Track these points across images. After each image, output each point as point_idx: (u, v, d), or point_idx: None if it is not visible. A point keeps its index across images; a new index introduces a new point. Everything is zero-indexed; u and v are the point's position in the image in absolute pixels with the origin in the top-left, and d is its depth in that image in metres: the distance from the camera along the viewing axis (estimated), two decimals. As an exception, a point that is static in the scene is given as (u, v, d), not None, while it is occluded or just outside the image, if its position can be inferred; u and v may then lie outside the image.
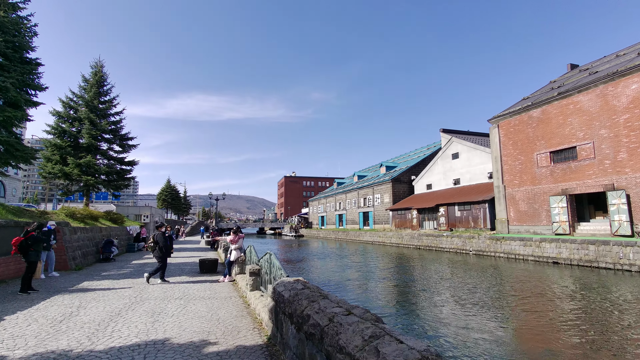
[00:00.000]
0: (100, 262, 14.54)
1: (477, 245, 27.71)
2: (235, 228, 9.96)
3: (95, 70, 22.52)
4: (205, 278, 10.68)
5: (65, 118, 20.89)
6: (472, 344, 7.21)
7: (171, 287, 8.89)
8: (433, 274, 18.47)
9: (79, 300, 7.29)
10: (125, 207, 27.73)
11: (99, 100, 22.18)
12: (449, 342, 7.37)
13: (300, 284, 4.44)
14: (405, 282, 16.09)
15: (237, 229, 9.93)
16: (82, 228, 14.13)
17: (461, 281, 15.73)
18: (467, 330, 8.14)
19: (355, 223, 58.56)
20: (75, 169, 19.47)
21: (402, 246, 37.61)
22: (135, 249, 20.58)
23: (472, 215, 31.92)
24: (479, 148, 36.83)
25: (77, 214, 15.01)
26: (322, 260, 26.16)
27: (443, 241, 31.86)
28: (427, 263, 23.33)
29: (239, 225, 10.20)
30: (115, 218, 20.29)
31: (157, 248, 9.84)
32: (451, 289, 13.55)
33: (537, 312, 9.83)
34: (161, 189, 72.66)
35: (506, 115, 28.91)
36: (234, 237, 9.70)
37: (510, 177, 28.22)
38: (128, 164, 23.41)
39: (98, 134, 21.04)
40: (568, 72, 33.91)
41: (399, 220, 44.37)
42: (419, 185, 47.28)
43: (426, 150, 56.51)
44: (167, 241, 9.96)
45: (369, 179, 60.66)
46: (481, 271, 19.11)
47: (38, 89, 13.07)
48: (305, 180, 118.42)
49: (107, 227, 17.54)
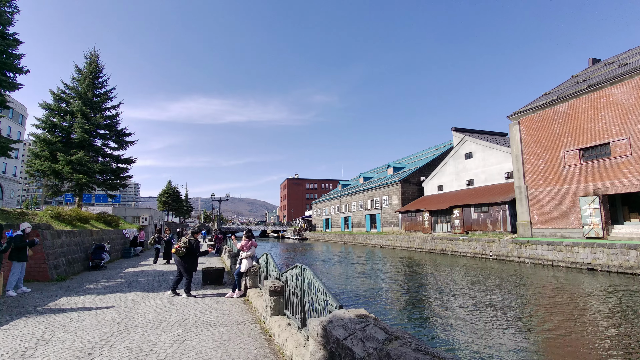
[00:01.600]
0: (88, 271, 12.77)
1: (498, 250, 25.85)
2: (247, 232, 8.18)
3: (90, 60, 20.81)
4: (209, 291, 8.89)
5: (55, 111, 19.16)
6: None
7: (167, 307, 7.09)
8: (455, 281, 16.60)
9: (43, 328, 5.50)
10: (122, 209, 25.98)
11: (94, 92, 20.44)
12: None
13: (373, 325, 2.65)
14: (427, 291, 14.24)
15: (249, 233, 8.14)
16: (69, 231, 12.38)
17: (488, 290, 13.87)
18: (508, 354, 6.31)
19: (361, 226, 56.69)
20: (65, 167, 17.73)
21: (414, 250, 35.75)
22: (131, 254, 18.79)
23: (490, 217, 30.05)
24: (494, 147, 35.00)
25: (64, 215, 13.27)
26: (334, 266, 24.31)
27: (459, 245, 29.98)
28: (446, 269, 21.46)
29: (251, 229, 8.31)
30: (109, 220, 18.52)
31: (187, 256, 8.17)
32: (479, 300, 11.71)
33: (581, 328, 8.02)
34: (162, 191, 70.92)
35: (528, 111, 27.10)
36: (245, 243, 7.91)
37: (533, 176, 26.36)
38: (125, 161, 21.63)
39: (92, 128, 19.28)
40: (591, 66, 32.11)
41: (409, 223, 42.51)
42: (429, 186, 45.46)
43: (435, 151, 54.72)
44: (198, 250, 8.37)
45: (375, 180, 58.84)
46: (508, 279, 17.25)
47: (17, 71, 11.36)
48: (309, 183, 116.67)
49: (99, 230, 15.79)
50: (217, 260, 17.27)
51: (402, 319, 9.76)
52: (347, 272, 21.03)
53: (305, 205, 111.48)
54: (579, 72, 32.09)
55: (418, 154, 62.31)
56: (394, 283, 16.89)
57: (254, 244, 8.07)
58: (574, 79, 29.84)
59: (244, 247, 7.90)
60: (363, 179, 64.95)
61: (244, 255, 7.93)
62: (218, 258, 18.84)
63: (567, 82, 30.18)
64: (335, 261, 27.82)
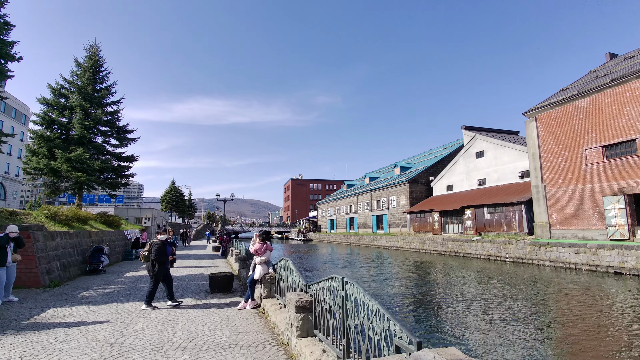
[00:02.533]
0: (86, 275, 11.81)
1: (515, 252, 24.72)
2: (261, 233, 7.15)
3: (90, 54, 19.91)
4: (218, 301, 7.89)
5: (54, 106, 18.26)
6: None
7: (170, 322, 6.08)
8: (475, 286, 15.51)
9: (20, 352, 4.51)
10: (124, 209, 25.07)
11: (94, 87, 19.51)
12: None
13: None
14: (452, 298, 13.17)
15: (263, 235, 7.11)
16: (65, 233, 11.43)
17: (510, 295, 12.78)
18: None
19: (367, 227, 55.60)
20: (64, 164, 16.82)
21: (424, 252, 34.65)
22: (132, 257, 17.85)
23: (505, 218, 28.91)
24: (507, 145, 33.85)
25: (60, 215, 12.33)
26: (345, 269, 23.26)
27: (472, 247, 28.86)
28: (462, 273, 20.37)
29: (267, 230, 7.24)
30: (110, 221, 17.58)
31: (152, 261, 7.12)
32: (502, 306, 10.64)
33: (613, 337, 6.96)
34: (165, 191, 70.12)
35: (546, 107, 25.96)
36: (259, 247, 6.89)
37: (552, 175, 25.21)
38: (126, 159, 20.67)
39: (92, 124, 18.36)
40: (609, 61, 30.91)
41: (417, 224, 41.40)
42: (438, 186, 44.34)
43: (443, 150, 53.59)
44: (162, 254, 7.20)
45: (382, 180, 57.74)
46: (530, 284, 16.16)
47: (9, 58, 10.42)
48: (312, 183, 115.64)
49: (99, 231, 14.84)
50: (224, 264, 16.27)
51: (433, 330, 8.72)
52: (360, 276, 20.00)
53: (309, 206, 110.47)
54: (596, 67, 30.90)
55: (425, 153, 61.18)
56: (414, 288, 15.83)
57: (269, 248, 7.05)
58: (593, 74, 28.66)
59: (258, 251, 6.88)
60: (369, 179, 63.86)
61: (258, 261, 6.92)
62: (224, 261, 17.85)
63: (585, 77, 29.00)
64: (344, 263, 26.79)
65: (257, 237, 7.07)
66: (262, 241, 6.96)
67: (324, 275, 20.09)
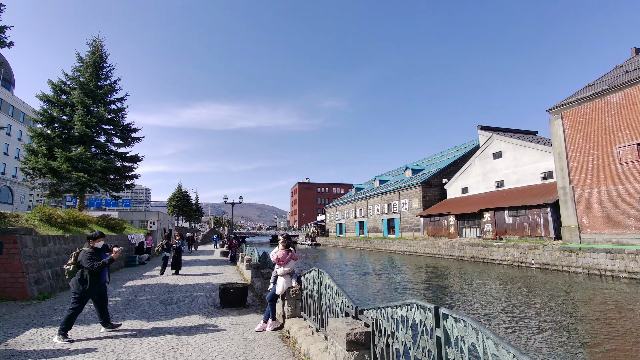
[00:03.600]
0: (82, 284, 10.65)
1: (542, 258, 23.14)
2: (284, 238, 5.85)
3: (94, 49, 18.94)
4: (231, 319, 6.60)
5: (55, 103, 17.28)
6: None
7: (173, 352, 4.80)
8: (503, 293, 14.01)
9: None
10: (129, 213, 24.01)
11: (97, 83, 18.51)
12: None
13: None
14: (480, 306, 11.74)
15: (287, 242, 5.79)
16: (59, 237, 10.29)
17: (551, 307, 11.31)
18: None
19: (378, 231, 54.06)
20: (64, 164, 15.77)
21: (440, 257, 33.12)
22: (136, 263, 16.68)
23: (529, 221, 27.29)
24: (528, 145, 32.28)
25: (55, 217, 11.21)
26: (362, 277, 21.84)
27: (493, 252, 27.28)
28: (485, 279, 18.85)
29: (290, 235, 5.88)
30: (112, 224, 16.45)
31: (82, 276, 5.53)
32: (547, 318, 9.20)
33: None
34: (172, 195, 69.25)
35: (573, 103, 24.43)
36: (283, 255, 5.59)
37: (581, 175, 23.61)
38: (130, 159, 19.60)
39: (94, 122, 17.30)
40: (635, 56, 29.29)
41: (432, 228, 39.83)
42: (452, 188, 42.78)
43: (456, 152, 52.05)
44: (95, 264, 5.55)
45: (392, 183, 56.25)
46: (566, 292, 14.64)
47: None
48: (320, 187, 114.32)
49: (99, 235, 13.71)
50: (233, 271, 15.00)
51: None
52: (380, 284, 18.58)
53: (317, 209, 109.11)
54: (623, 62, 29.29)
55: (437, 155, 59.62)
56: (443, 298, 14.40)
57: (294, 257, 5.76)
58: (621, 69, 27.07)
59: (282, 261, 5.58)
60: (379, 182, 62.39)
61: (281, 272, 5.63)
62: (233, 268, 16.59)
63: (613, 72, 27.41)
64: (358, 269, 25.36)
65: (280, 243, 5.76)
66: (286, 248, 5.67)
67: (349, 283, 18.60)
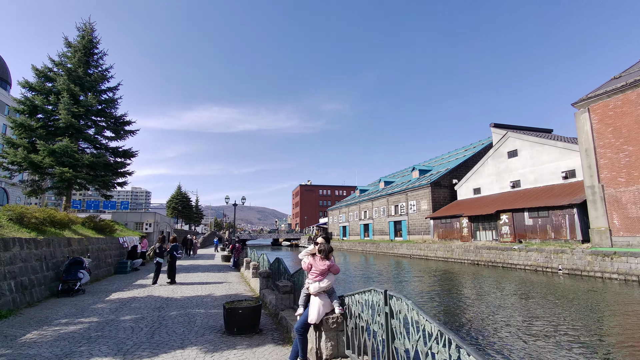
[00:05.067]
0: (57, 297, 8.86)
1: (570, 262, 21.31)
2: (322, 240, 4.07)
3: (83, 33, 17.19)
4: (241, 354, 4.81)
5: (38, 91, 15.53)
6: None
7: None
8: (539, 304, 12.17)
9: None
10: (123, 214, 22.17)
11: (86, 71, 16.74)
12: None
13: None
14: (513, 319, 9.92)
15: (324, 247, 4.02)
16: (29, 240, 8.52)
17: (591, 319, 9.48)
18: None
19: (384, 233, 52.19)
20: (47, 158, 14.01)
21: (453, 261, 31.27)
22: (128, 269, 14.84)
23: (552, 223, 25.45)
24: (547, 142, 30.51)
25: (28, 217, 9.45)
26: (380, 284, 19.99)
27: (513, 256, 25.45)
28: (510, 286, 16.99)
29: (328, 234, 3.98)
30: (101, 226, 14.62)
31: None
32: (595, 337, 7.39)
33: None
34: (171, 196, 67.37)
35: (601, 96, 22.68)
36: (323, 266, 3.76)
37: (612, 173, 21.82)
38: (123, 155, 17.80)
39: (82, 112, 15.51)
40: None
41: (442, 230, 37.97)
42: (463, 189, 40.98)
43: (464, 152, 50.31)
44: None
45: (399, 184, 54.44)
46: (614, 303, 12.74)
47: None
48: (322, 189, 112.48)
49: (83, 238, 11.90)
50: (237, 279, 13.16)
51: None
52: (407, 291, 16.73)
53: (319, 212, 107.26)
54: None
55: (444, 155, 57.85)
56: (470, 309, 12.56)
57: (335, 268, 3.94)
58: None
59: (317, 272, 3.76)
60: (384, 184, 60.58)
61: (315, 289, 3.81)
62: (237, 274, 14.76)
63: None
64: (373, 275, 23.50)
65: (315, 245, 3.91)
66: (324, 256, 3.84)
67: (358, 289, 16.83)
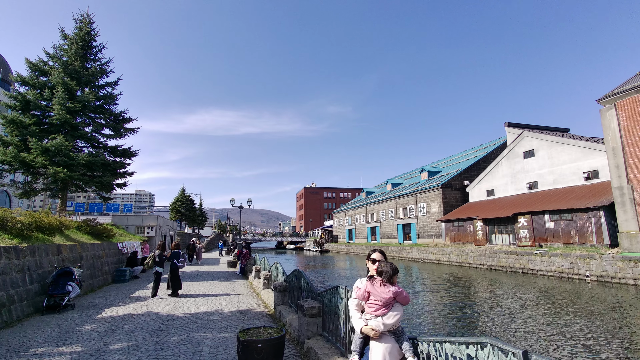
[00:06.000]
0: (41, 314, 7.69)
1: (599, 269, 19.93)
2: (382, 261, 2.86)
3: (81, 24, 16.12)
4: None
5: (31, 85, 14.47)
6: None
7: None
8: (573, 317, 10.81)
9: None
10: (123, 217, 21.00)
11: (83, 64, 15.63)
12: None
13: None
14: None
15: (387, 263, 2.81)
16: (9, 248, 7.37)
17: None
18: None
19: (392, 237, 50.84)
20: (39, 157, 12.92)
21: (467, 266, 29.93)
22: (126, 278, 13.65)
23: (576, 226, 24.05)
24: (567, 141, 29.14)
25: (12, 221, 8.31)
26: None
27: (535, 261, 24.07)
28: (541, 295, 15.62)
29: (383, 254, 2.67)
30: (98, 231, 13.46)
31: None
32: None
33: None
34: (175, 199, 66.35)
35: (630, 91, 21.33)
36: (382, 289, 2.43)
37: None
38: (122, 154, 16.66)
39: (78, 107, 14.40)
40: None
41: (455, 234, 36.59)
42: (475, 191, 39.61)
43: (475, 153, 48.96)
44: None
45: (407, 186, 53.10)
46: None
47: None
48: (326, 191, 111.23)
49: (75, 244, 10.73)
50: (246, 289, 11.91)
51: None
52: (427, 302, 15.42)
53: (323, 215, 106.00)
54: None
55: (453, 157, 56.48)
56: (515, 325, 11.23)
57: (404, 297, 2.66)
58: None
59: (381, 305, 2.48)
60: (391, 186, 59.27)
61: (375, 326, 2.56)
62: (245, 283, 13.52)
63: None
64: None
65: (372, 264, 2.68)
66: (384, 276, 2.58)
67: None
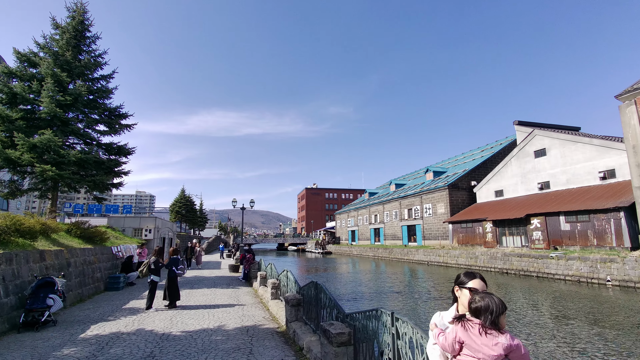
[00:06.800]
0: (17, 332, 6.66)
1: (622, 273, 18.89)
2: (483, 291, 1.74)
3: (74, 14, 15.10)
4: None
5: (19, 77, 13.44)
6: None
7: None
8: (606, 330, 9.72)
9: None
10: (119, 219, 19.93)
11: (75, 55, 14.57)
12: None
13: None
14: None
15: (489, 296, 1.68)
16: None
17: None
18: None
19: (396, 238, 49.74)
20: (26, 154, 11.90)
21: (477, 269, 28.75)
22: (121, 285, 12.59)
23: (594, 228, 22.98)
24: (581, 140, 28.09)
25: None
26: (414, 300, 17.62)
27: (550, 265, 22.99)
28: (562, 302, 14.53)
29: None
30: (90, 234, 12.38)
31: None
32: None
33: None
34: (174, 200, 65.26)
35: (652, 86, 20.30)
36: (483, 339, 1.53)
37: (668, 172, 19.41)
38: (117, 151, 15.60)
39: (69, 101, 13.36)
40: None
41: (463, 235, 35.50)
42: (483, 192, 38.54)
43: (482, 152, 47.93)
44: None
45: (412, 187, 52.02)
46: None
47: None
48: (328, 192, 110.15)
49: (62, 250, 9.68)
50: (251, 298, 10.86)
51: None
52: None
53: (325, 216, 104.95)
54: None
55: (458, 157, 55.44)
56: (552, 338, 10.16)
57: (522, 354, 1.65)
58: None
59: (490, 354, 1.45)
60: (395, 186, 58.22)
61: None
62: (249, 291, 12.47)
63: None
64: (402, 287, 21.12)
65: (464, 299, 1.75)
66: (489, 322, 1.56)
67: (401, 308, 14.22)
